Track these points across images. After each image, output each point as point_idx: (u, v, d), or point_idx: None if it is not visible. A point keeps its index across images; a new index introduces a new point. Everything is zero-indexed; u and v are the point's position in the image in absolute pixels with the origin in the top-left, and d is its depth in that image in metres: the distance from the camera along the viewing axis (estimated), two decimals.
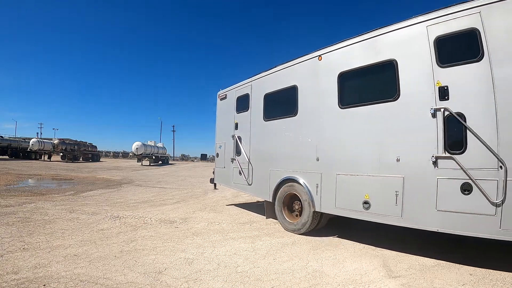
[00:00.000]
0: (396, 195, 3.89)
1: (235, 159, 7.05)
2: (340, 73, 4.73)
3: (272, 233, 5.31)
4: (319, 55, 5.12)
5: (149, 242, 4.45)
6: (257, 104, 6.44)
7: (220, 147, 7.77)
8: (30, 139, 41.13)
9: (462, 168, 3.34)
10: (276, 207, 5.77)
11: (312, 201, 4.99)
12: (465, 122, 3.36)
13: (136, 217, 6.15)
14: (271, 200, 5.89)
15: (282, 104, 5.91)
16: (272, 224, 5.98)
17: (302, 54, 5.50)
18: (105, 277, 3.10)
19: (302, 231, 5.13)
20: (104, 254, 3.81)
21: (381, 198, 4.06)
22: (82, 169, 23.14)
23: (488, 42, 3.29)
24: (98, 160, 43.92)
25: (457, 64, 3.50)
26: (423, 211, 3.67)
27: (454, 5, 3.57)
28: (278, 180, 5.69)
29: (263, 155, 6.25)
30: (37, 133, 74.07)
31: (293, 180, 5.38)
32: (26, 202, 7.30)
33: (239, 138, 6.90)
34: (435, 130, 3.57)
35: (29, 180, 13.49)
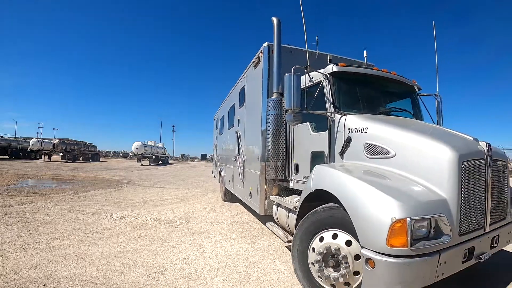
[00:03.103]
0: (232, 176, 7.33)
1: (214, 158, 12.11)
2: (228, 109, 8.21)
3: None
4: (227, 98, 8.64)
5: (149, 242, 4.46)
6: (219, 125, 10.53)
7: (213, 150, 12.76)
8: (30, 139, 41.00)
9: (239, 163, 6.32)
10: (220, 185, 9.58)
11: (224, 181, 8.75)
12: (240, 138, 6.36)
13: (136, 217, 6.16)
14: (219, 182, 9.85)
15: (222, 126, 9.72)
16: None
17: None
18: (105, 277, 3.10)
19: (223, 199, 8.94)
20: (104, 254, 3.82)
21: (231, 178, 7.61)
22: (82, 169, 23.12)
23: (246, 94, 5.99)
24: (98, 160, 43.88)
25: (240, 107, 6.45)
26: (236, 186, 6.90)
27: (244, 71, 6.17)
28: (218, 169, 9.95)
29: (218, 156, 10.61)
30: (37, 133, 73.94)
31: (221, 170, 9.32)
32: (26, 202, 7.30)
33: (216, 145, 11.54)
34: (236, 142, 6.67)
35: (29, 180, 13.48)
